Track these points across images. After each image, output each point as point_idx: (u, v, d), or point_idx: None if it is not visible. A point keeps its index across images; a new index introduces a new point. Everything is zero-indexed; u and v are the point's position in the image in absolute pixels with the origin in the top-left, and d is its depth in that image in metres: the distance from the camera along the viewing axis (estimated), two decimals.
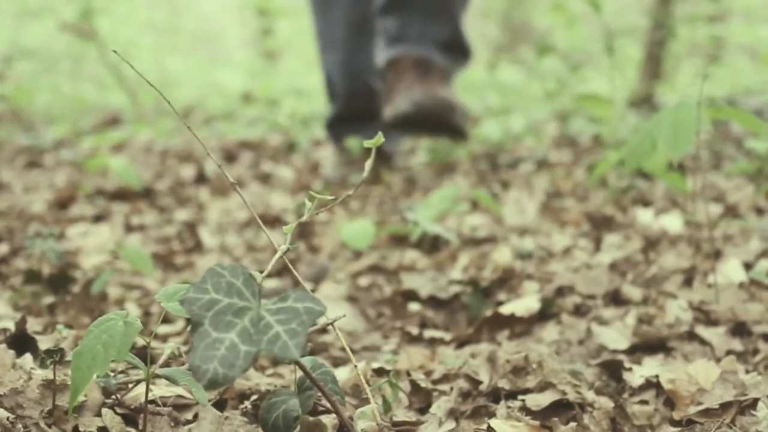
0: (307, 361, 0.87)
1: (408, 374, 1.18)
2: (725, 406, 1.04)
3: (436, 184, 2.58)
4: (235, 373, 0.68)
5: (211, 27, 10.31)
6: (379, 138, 0.94)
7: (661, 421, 1.05)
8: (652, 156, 1.34)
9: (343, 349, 1.32)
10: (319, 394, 1.05)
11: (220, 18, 10.28)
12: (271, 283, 1.67)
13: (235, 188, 0.91)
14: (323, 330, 1.37)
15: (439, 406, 1.07)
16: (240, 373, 0.68)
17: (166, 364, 1.02)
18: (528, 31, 8.96)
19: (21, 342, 1.14)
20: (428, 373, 1.21)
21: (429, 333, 1.40)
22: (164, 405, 0.98)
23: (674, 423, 1.04)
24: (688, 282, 1.53)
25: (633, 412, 1.05)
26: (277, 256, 0.90)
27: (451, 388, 1.11)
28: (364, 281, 1.71)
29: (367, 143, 0.92)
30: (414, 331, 1.41)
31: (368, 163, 0.94)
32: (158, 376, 0.89)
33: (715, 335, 1.26)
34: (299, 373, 0.89)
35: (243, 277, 0.74)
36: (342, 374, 1.17)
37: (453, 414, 1.07)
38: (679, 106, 1.31)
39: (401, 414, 1.06)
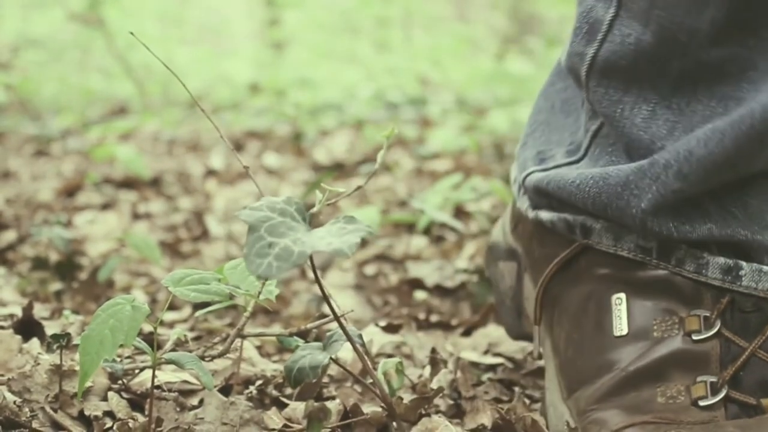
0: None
1: None
2: None
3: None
4: (288, 265, 0.70)
5: (218, 18, 10.31)
6: (392, 131, 0.93)
7: None
8: None
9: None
10: (325, 380, 1.05)
11: (227, 9, 10.28)
12: None
13: (248, 173, 0.91)
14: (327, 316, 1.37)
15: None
16: (292, 267, 0.70)
17: (173, 350, 1.02)
18: (536, 21, 8.94)
19: (28, 327, 1.15)
20: None
21: (435, 320, 1.40)
22: (170, 390, 0.98)
23: None
24: None
25: None
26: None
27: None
28: (370, 270, 1.71)
29: (383, 134, 0.92)
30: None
31: (380, 154, 0.93)
32: (165, 362, 0.89)
33: None
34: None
35: (296, 206, 0.77)
36: (350, 357, 1.17)
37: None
38: None
39: (407, 398, 1.06)
